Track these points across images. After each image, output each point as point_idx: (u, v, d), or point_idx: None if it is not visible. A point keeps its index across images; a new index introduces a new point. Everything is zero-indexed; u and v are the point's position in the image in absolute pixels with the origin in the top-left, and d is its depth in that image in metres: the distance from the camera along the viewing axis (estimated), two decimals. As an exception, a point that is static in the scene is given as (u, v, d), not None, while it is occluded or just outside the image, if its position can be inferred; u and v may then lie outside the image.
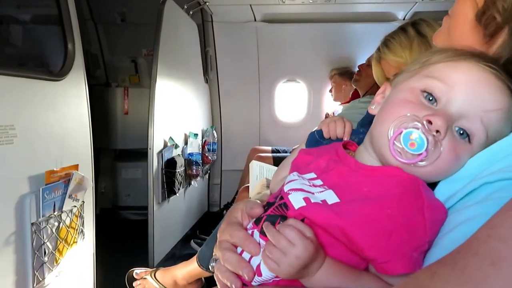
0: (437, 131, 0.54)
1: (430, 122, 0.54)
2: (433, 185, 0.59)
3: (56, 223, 1.39)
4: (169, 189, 2.50)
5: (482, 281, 0.37)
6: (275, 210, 0.60)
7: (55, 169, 1.40)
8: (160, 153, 2.41)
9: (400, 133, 0.54)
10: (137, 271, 2.10)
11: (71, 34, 1.58)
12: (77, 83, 1.63)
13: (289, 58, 3.67)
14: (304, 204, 0.56)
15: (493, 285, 0.36)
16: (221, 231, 0.65)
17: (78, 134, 1.63)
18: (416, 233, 0.51)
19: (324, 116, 3.46)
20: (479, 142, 0.56)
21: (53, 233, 1.37)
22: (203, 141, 3.23)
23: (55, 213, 1.38)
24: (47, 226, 1.34)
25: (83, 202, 1.56)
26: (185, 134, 2.86)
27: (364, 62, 2.63)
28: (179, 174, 2.57)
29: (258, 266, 0.57)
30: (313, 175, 0.63)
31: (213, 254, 0.66)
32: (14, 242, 1.24)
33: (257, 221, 0.61)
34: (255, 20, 3.47)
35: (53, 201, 1.37)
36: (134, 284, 2.07)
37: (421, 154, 0.54)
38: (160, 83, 2.37)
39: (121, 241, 2.82)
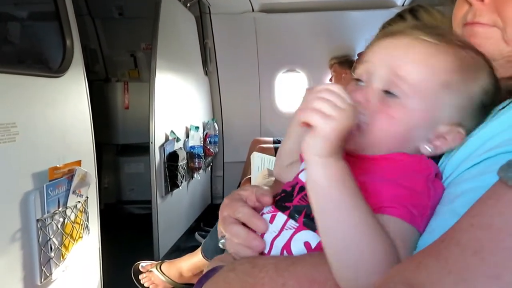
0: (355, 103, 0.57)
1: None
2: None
3: (61, 219, 1.40)
4: (172, 183, 2.51)
5: (465, 271, 0.37)
6: (301, 200, 0.61)
7: (58, 165, 1.41)
8: (162, 147, 2.41)
9: None
10: (143, 264, 2.12)
11: (69, 30, 1.58)
12: (77, 79, 1.63)
13: (288, 48, 3.65)
14: None
15: (475, 274, 0.36)
16: (224, 206, 0.66)
17: (80, 130, 1.63)
18: (420, 196, 0.52)
19: None
20: (407, 96, 0.57)
21: (58, 229, 1.38)
22: (205, 134, 3.23)
23: (60, 209, 1.39)
24: (52, 222, 1.35)
25: (87, 197, 1.57)
26: (186, 127, 2.87)
27: (364, 50, 2.61)
28: (182, 167, 2.58)
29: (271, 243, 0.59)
30: None
31: (219, 232, 0.67)
32: (20, 239, 1.25)
33: (282, 208, 0.62)
34: (253, 10, 3.45)
35: (57, 197, 1.38)
36: (140, 277, 2.09)
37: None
38: (159, 77, 2.36)
39: (126, 235, 2.84)
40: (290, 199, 0.62)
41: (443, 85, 0.57)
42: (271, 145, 3.23)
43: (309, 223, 0.58)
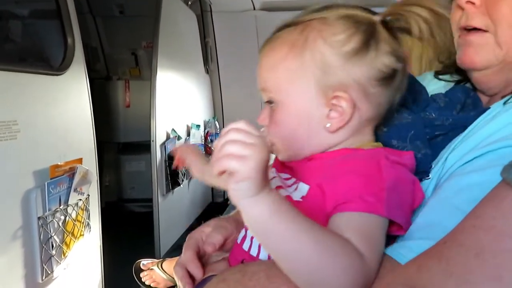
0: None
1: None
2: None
3: (62, 217, 1.40)
4: (173, 181, 2.51)
5: (467, 273, 0.37)
6: None
7: (59, 163, 1.41)
8: (163, 145, 2.41)
9: None
10: (144, 262, 2.12)
11: (70, 28, 1.58)
12: (78, 77, 1.63)
13: (289, 46, 3.65)
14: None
15: (478, 275, 0.36)
16: (185, 244, 0.72)
17: (81, 128, 1.63)
18: (370, 180, 0.52)
19: None
20: (275, 99, 0.61)
21: (59, 226, 1.38)
22: (206, 132, 3.23)
23: (61, 207, 1.39)
24: (54, 220, 1.35)
25: (88, 195, 1.57)
26: (188, 126, 2.86)
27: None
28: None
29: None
30: (287, 175, 0.64)
31: None
32: (21, 236, 1.25)
33: None
34: (254, 8, 3.44)
35: (59, 195, 1.38)
36: (141, 275, 2.09)
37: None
38: (160, 75, 2.36)
39: (127, 233, 2.84)
40: None
41: (288, 72, 0.60)
42: (272, 144, 3.22)
43: None
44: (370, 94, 0.59)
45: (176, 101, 2.71)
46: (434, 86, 0.81)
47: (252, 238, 0.63)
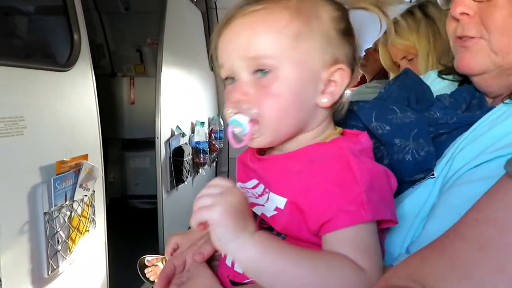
0: (239, 101, 0.57)
1: (232, 103, 0.58)
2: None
3: (68, 212, 1.41)
4: (177, 178, 2.51)
5: (470, 266, 0.37)
6: (261, 224, 0.61)
7: (65, 159, 1.42)
8: (168, 142, 2.42)
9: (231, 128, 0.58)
10: (149, 258, 2.13)
11: (76, 25, 1.58)
12: (84, 73, 1.63)
13: (294, 44, 3.63)
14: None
15: (481, 269, 0.36)
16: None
17: (87, 124, 1.64)
18: (347, 188, 0.52)
19: None
20: (275, 68, 0.56)
21: (65, 222, 1.39)
22: (210, 129, 3.23)
23: (67, 202, 1.40)
24: (60, 215, 1.36)
25: (94, 191, 1.58)
26: (192, 123, 2.87)
27: (371, 46, 2.60)
28: (187, 163, 2.58)
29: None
30: (254, 182, 0.63)
31: None
32: (28, 231, 1.26)
33: None
34: (259, 6, 3.43)
35: (65, 191, 1.39)
36: (146, 271, 2.10)
37: (248, 128, 0.57)
38: (165, 72, 2.36)
39: (132, 229, 2.85)
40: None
41: (294, 38, 0.56)
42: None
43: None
44: (353, 75, 0.61)
45: (181, 98, 2.71)
46: (439, 85, 0.81)
47: None
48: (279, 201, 0.56)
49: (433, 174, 0.63)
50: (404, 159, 0.64)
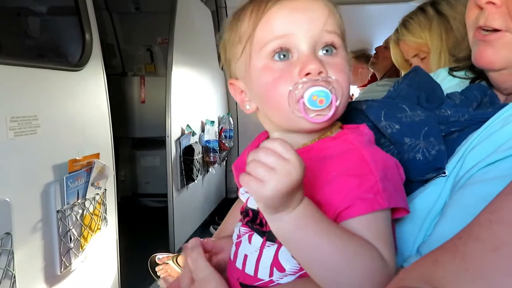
0: (320, 73, 0.54)
1: (307, 74, 0.54)
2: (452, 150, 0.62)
3: (80, 211, 1.43)
4: (187, 176, 2.53)
5: (484, 268, 0.36)
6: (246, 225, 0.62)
7: (77, 158, 1.43)
8: (178, 140, 2.43)
9: (303, 103, 0.54)
10: (159, 256, 2.15)
11: (88, 25, 1.59)
12: (95, 72, 1.65)
13: (304, 42, 3.62)
14: None
15: (494, 270, 0.35)
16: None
17: (98, 123, 1.66)
18: (364, 178, 0.52)
19: None
20: (340, 47, 0.59)
21: (77, 220, 1.41)
22: (220, 128, 3.24)
23: (79, 200, 1.42)
24: (72, 214, 1.38)
25: (105, 190, 1.60)
26: (202, 122, 2.88)
27: (382, 44, 2.58)
28: (197, 161, 2.59)
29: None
30: None
31: None
32: (41, 229, 1.28)
33: (259, 233, 0.61)
34: (269, 4, 3.43)
35: (77, 189, 1.41)
36: (157, 269, 2.12)
37: (332, 101, 0.54)
38: (176, 71, 2.37)
39: (142, 227, 2.87)
40: (261, 224, 0.59)
41: (340, 18, 0.60)
42: (286, 140, 3.21)
43: None
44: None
45: (191, 97, 2.72)
46: (449, 83, 0.80)
47: (245, 256, 0.61)
48: None
49: (444, 173, 0.62)
50: (415, 158, 0.63)
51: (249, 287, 0.59)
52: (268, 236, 0.58)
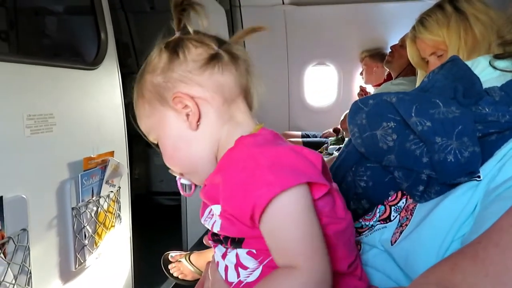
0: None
1: None
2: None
3: (95, 208, 1.44)
4: (201, 175, 2.53)
5: (503, 273, 0.35)
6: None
7: (92, 155, 1.45)
8: (191, 139, 2.43)
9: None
10: (172, 254, 2.16)
11: (103, 24, 1.61)
12: (111, 71, 1.66)
13: (318, 41, 3.60)
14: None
15: None
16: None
17: (113, 122, 1.67)
18: (254, 172, 0.53)
19: (359, 90, 3.35)
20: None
21: (92, 217, 1.42)
22: (233, 127, 3.24)
23: (94, 198, 1.43)
24: (87, 211, 1.39)
25: (119, 187, 1.61)
26: (215, 120, 2.88)
27: (397, 42, 2.55)
28: (210, 160, 2.60)
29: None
30: (208, 210, 0.68)
31: None
32: (56, 226, 1.29)
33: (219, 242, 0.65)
34: (283, 3, 3.42)
35: (91, 187, 1.42)
36: (170, 266, 2.13)
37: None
38: (190, 70, 2.38)
39: (156, 225, 2.89)
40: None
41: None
42: (299, 139, 3.21)
43: (234, 244, 0.59)
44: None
45: (205, 96, 2.73)
46: (488, 76, 0.73)
47: (218, 263, 0.65)
48: (217, 209, 0.59)
49: (478, 177, 0.56)
50: (446, 159, 0.57)
51: None
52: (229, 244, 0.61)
